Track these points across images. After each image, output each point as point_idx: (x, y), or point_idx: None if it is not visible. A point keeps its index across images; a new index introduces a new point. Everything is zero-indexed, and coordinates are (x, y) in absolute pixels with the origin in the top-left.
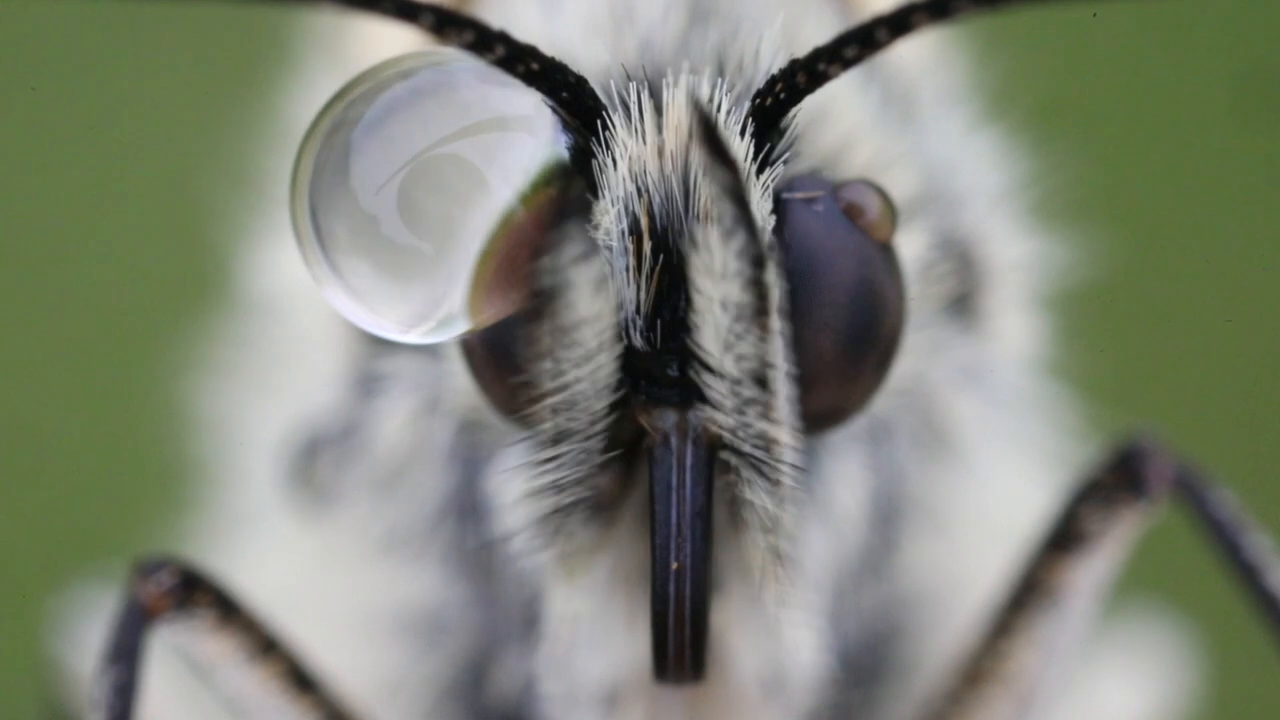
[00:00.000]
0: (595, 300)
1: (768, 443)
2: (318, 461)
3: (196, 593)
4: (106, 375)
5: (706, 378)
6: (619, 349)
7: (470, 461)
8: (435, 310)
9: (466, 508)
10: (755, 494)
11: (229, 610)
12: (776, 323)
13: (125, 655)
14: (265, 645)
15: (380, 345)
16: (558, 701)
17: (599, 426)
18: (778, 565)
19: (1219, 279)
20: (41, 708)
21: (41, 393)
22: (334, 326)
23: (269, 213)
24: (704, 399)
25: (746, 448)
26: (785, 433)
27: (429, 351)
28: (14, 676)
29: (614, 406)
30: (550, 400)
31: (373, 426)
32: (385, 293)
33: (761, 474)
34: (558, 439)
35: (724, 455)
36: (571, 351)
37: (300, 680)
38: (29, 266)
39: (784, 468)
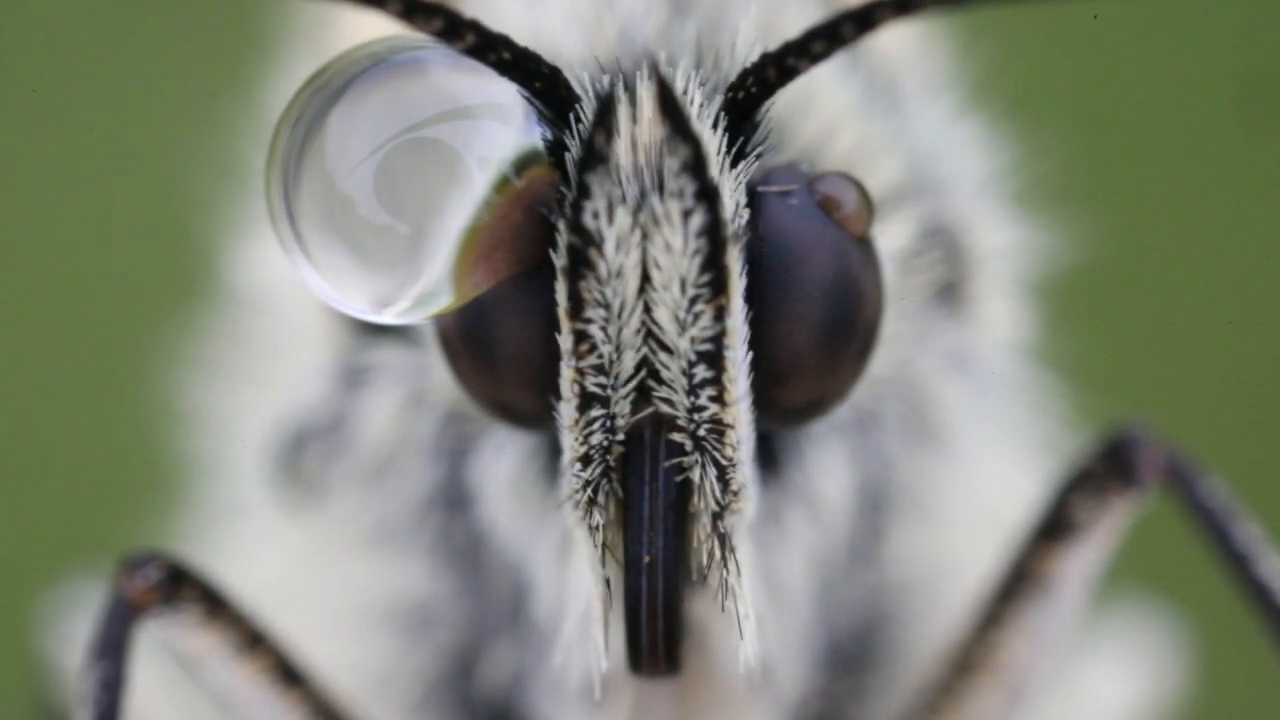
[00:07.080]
0: (626, 253)
1: (719, 428)
2: (305, 455)
3: (183, 587)
4: (97, 371)
5: (662, 357)
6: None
7: (457, 453)
8: (409, 290)
9: (454, 499)
10: (705, 479)
11: (215, 605)
12: (736, 305)
13: (112, 650)
14: (252, 639)
15: (366, 338)
16: (551, 691)
17: (627, 388)
18: (724, 554)
19: (1212, 269)
20: (32, 703)
21: (33, 389)
22: (320, 320)
23: (256, 207)
24: (659, 380)
25: (699, 431)
26: (738, 418)
27: (414, 343)
28: (5, 672)
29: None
30: (582, 363)
31: (359, 419)
32: (359, 272)
33: (713, 460)
34: (586, 404)
35: (676, 438)
36: (605, 309)
37: (288, 674)
38: (24, 263)
39: (735, 455)
